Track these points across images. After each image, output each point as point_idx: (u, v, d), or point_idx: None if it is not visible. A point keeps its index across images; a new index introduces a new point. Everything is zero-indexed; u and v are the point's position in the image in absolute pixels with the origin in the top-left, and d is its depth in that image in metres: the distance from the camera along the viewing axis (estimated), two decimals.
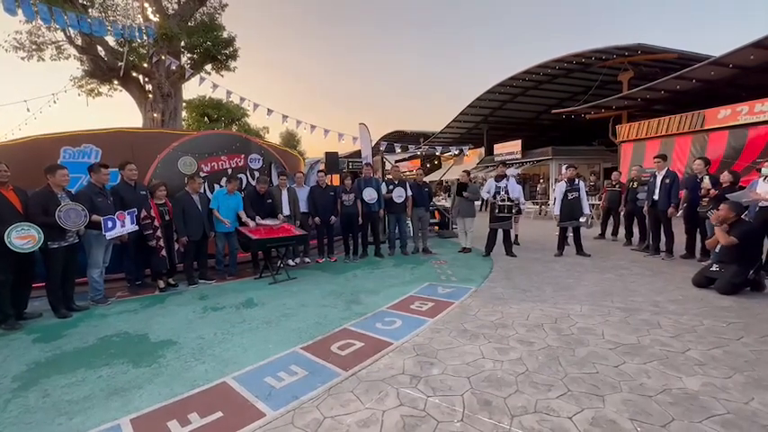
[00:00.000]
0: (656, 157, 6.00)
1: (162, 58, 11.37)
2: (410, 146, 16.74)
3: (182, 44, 12.32)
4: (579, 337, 2.94)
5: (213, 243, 5.43)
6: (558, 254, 6.24)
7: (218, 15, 13.13)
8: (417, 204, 6.66)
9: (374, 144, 10.92)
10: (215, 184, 5.82)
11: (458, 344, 2.90)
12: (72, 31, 10.81)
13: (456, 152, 13.57)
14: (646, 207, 6.00)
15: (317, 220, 6.13)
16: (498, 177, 6.26)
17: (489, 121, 22.12)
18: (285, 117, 10.09)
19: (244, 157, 6.19)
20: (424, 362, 2.61)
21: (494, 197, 6.18)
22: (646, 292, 4.08)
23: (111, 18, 11.47)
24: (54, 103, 11.81)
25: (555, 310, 3.61)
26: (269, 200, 5.75)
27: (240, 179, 5.97)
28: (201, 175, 5.62)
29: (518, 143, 19.06)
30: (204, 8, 12.98)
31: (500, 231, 6.29)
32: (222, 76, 13.55)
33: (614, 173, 8.31)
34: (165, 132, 6.80)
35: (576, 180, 6.25)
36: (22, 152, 4.79)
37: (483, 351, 2.75)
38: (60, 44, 11.66)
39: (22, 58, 11.35)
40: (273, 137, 34.21)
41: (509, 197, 6.05)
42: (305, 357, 2.74)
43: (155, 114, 11.93)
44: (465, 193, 6.54)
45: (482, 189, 6.63)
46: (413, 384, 2.32)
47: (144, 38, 10.33)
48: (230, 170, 6.00)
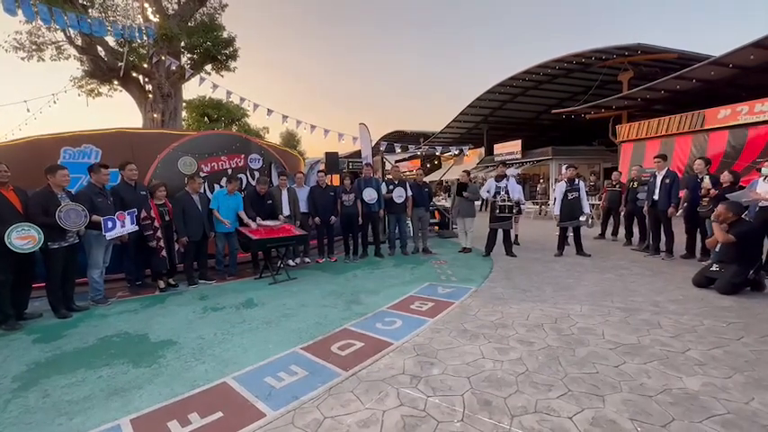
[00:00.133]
0: (656, 157, 6.00)
1: (162, 58, 11.38)
2: (410, 146, 16.74)
3: (182, 44, 12.33)
4: (579, 337, 2.95)
5: (213, 243, 5.44)
6: (558, 254, 6.24)
7: (218, 15, 13.15)
8: (417, 204, 6.66)
9: (374, 144, 10.91)
10: (215, 185, 5.82)
11: (458, 344, 2.90)
12: (72, 32, 10.82)
13: (456, 152, 13.58)
14: (646, 207, 5.99)
15: (316, 220, 6.14)
16: (498, 177, 6.27)
17: (489, 121, 22.13)
18: (285, 117, 10.10)
19: (244, 157, 6.19)
20: (425, 362, 2.61)
21: (494, 197, 6.19)
22: (646, 292, 4.08)
23: (111, 18, 11.48)
24: (54, 103, 11.83)
25: (555, 310, 3.61)
26: (269, 201, 5.75)
27: (240, 179, 5.97)
28: (201, 175, 5.62)
29: (518, 143, 19.07)
30: (204, 8, 13.00)
31: (500, 231, 6.29)
32: (222, 76, 13.59)
33: (614, 173, 8.30)
34: (165, 132, 6.80)
35: (576, 180, 6.25)
36: (22, 152, 4.80)
37: (483, 351, 2.75)
38: (60, 44, 11.67)
39: (23, 59, 11.37)
40: (273, 137, 34.26)
41: (509, 197, 6.05)
42: (305, 357, 2.74)
43: (155, 114, 11.93)
44: (465, 193, 6.54)
45: (482, 189, 6.63)
46: (413, 384, 2.32)
47: (144, 38, 10.33)
48: (230, 170, 6.00)
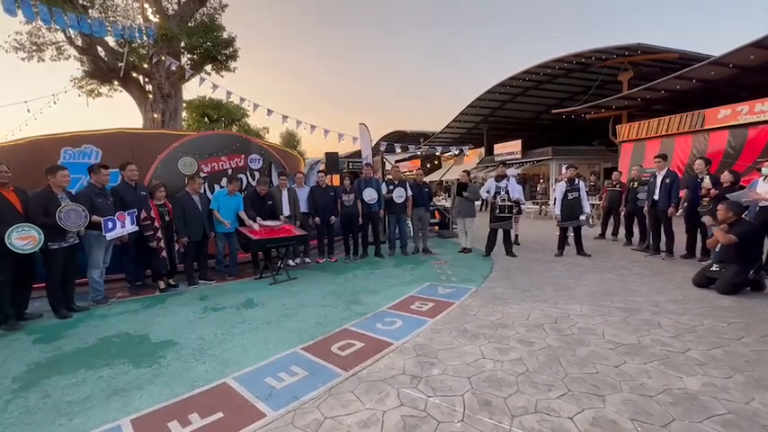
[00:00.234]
0: (656, 157, 6.00)
1: (162, 58, 11.39)
2: (410, 146, 16.73)
3: (182, 45, 12.34)
4: (579, 337, 2.94)
5: (213, 243, 5.44)
6: (559, 254, 6.24)
7: (218, 16, 13.15)
8: (417, 204, 6.66)
9: (374, 144, 10.91)
10: (215, 185, 5.82)
11: (458, 344, 2.90)
12: (72, 32, 10.82)
13: (456, 152, 13.57)
14: (646, 207, 5.99)
15: (317, 220, 6.14)
16: (498, 177, 6.27)
17: (489, 121, 22.13)
18: (285, 117, 10.09)
19: (244, 157, 6.19)
20: (425, 362, 2.61)
21: (494, 197, 6.19)
22: (646, 292, 4.08)
23: (111, 19, 11.48)
24: (54, 103, 11.82)
25: (555, 310, 3.61)
26: (269, 201, 5.75)
27: (240, 180, 5.97)
28: (202, 175, 5.61)
29: (518, 143, 19.07)
30: (204, 9, 13.01)
31: (500, 231, 6.29)
32: (222, 76, 13.60)
33: (614, 173, 8.30)
34: (166, 133, 6.81)
35: (576, 180, 6.25)
36: (22, 153, 4.80)
37: (483, 351, 2.75)
38: (60, 45, 11.67)
39: (23, 59, 11.37)
40: (273, 137, 34.26)
41: (509, 197, 6.05)
42: (305, 358, 2.75)
43: (155, 115, 11.93)
44: (465, 194, 6.54)
45: (482, 189, 6.62)
46: (413, 384, 2.32)
47: (144, 38, 10.33)
48: (230, 170, 6.00)
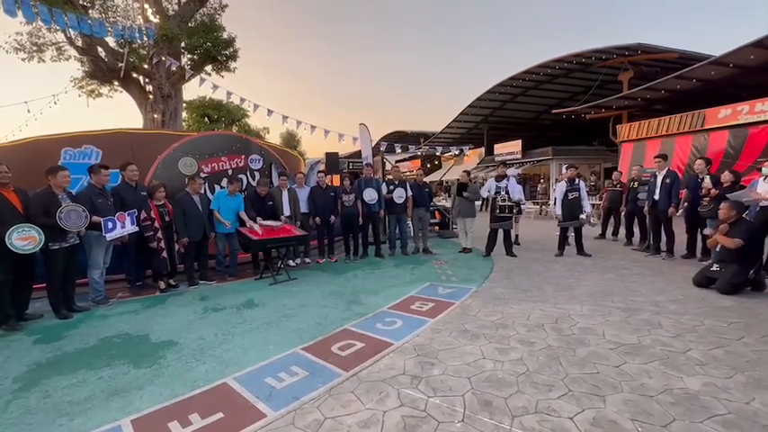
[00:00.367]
0: (656, 157, 6.00)
1: (162, 59, 11.39)
2: (410, 146, 16.72)
3: (182, 45, 12.34)
4: (580, 338, 2.94)
5: (214, 244, 5.44)
6: (559, 254, 6.24)
7: (218, 16, 13.15)
8: (418, 204, 6.66)
9: (374, 144, 10.90)
10: (215, 185, 5.82)
11: (458, 344, 2.89)
12: (72, 33, 10.82)
13: (456, 152, 13.55)
14: (646, 207, 5.99)
15: (317, 220, 6.14)
16: (499, 177, 6.26)
17: (489, 121, 22.13)
18: (285, 118, 10.09)
19: (244, 157, 6.19)
20: (425, 362, 2.61)
21: (494, 197, 6.18)
22: (646, 292, 4.08)
23: (112, 19, 11.47)
24: (54, 104, 11.84)
25: (555, 310, 3.60)
26: (270, 202, 5.75)
27: (241, 180, 5.97)
28: (202, 175, 5.61)
29: (518, 143, 19.07)
30: (204, 9, 13.01)
31: (500, 231, 6.29)
32: (222, 76, 13.60)
33: (615, 173, 8.31)
34: (166, 133, 6.81)
35: (577, 180, 6.26)
36: (22, 153, 4.80)
37: (483, 351, 2.75)
38: (61, 45, 11.68)
39: (23, 60, 11.38)
40: (274, 137, 34.21)
41: (509, 197, 6.05)
42: (305, 358, 2.75)
43: (155, 115, 11.94)
44: (465, 194, 6.54)
45: (482, 189, 6.62)
46: (413, 385, 2.32)
47: (144, 39, 10.33)
48: (231, 171, 6.00)
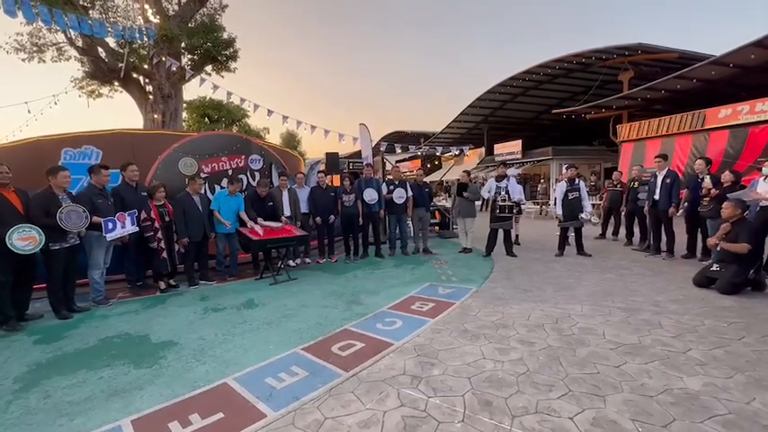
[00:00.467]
0: (656, 157, 6.00)
1: (162, 59, 11.39)
2: (410, 146, 16.74)
3: (182, 45, 12.35)
4: (580, 338, 2.94)
5: (214, 244, 5.44)
6: (559, 254, 6.23)
7: (218, 16, 13.16)
8: (418, 205, 6.66)
9: (374, 144, 10.90)
10: (216, 185, 5.82)
11: (458, 344, 2.89)
12: (73, 33, 10.84)
13: (456, 152, 13.56)
14: (646, 207, 5.99)
15: (317, 219, 6.14)
16: (499, 177, 6.26)
17: (489, 121, 22.12)
18: (285, 118, 10.09)
19: (244, 157, 6.19)
20: (425, 362, 2.61)
21: (494, 197, 6.18)
22: (647, 292, 4.08)
23: (112, 19, 11.48)
24: (55, 104, 11.86)
25: (556, 310, 3.60)
26: (270, 203, 5.75)
27: (241, 180, 5.98)
28: (202, 176, 5.61)
29: (518, 143, 19.07)
30: (204, 9, 13.01)
31: (501, 231, 6.28)
32: (222, 77, 13.61)
33: (615, 173, 8.30)
34: (166, 133, 6.82)
35: (577, 180, 6.26)
36: (23, 153, 4.80)
37: (484, 351, 2.75)
38: (61, 46, 11.69)
39: (23, 60, 11.40)
40: (274, 137, 34.21)
41: (510, 197, 6.05)
42: (306, 358, 2.75)
43: (155, 115, 11.94)
44: (465, 194, 6.54)
45: (482, 189, 6.62)
46: (413, 385, 2.32)
47: (144, 39, 10.34)
48: (231, 171, 6.00)
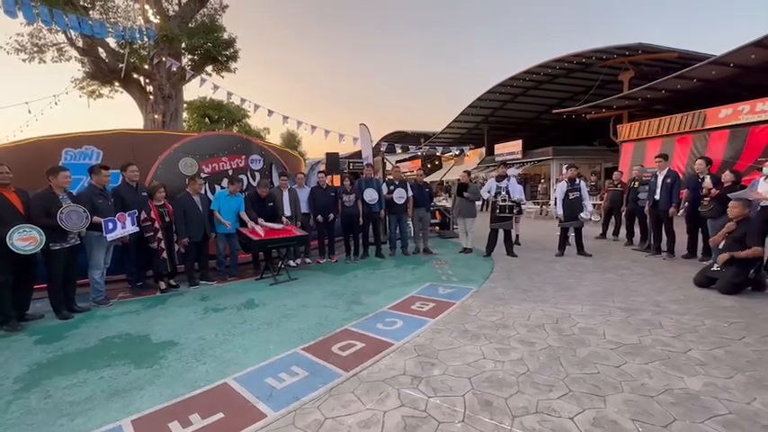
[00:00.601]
0: (657, 157, 6.00)
1: (163, 59, 11.40)
2: (411, 146, 16.73)
3: (182, 46, 12.36)
4: (580, 338, 2.94)
5: (214, 244, 5.44)
6: (560, 254, 6.23)
7: (218, 17, 13.18)
8: (418, 205, 6.65)
9: (375, 144, 10.89)
10: (216, 185, 5.83)
11: (459, 344, 2.89)
12: (73, 33, 10.85)
13: (457, 152, 13.55)
14: (647, 207, 5.99)
15: (318, 218, 6.14)
16: (499, 177, 6.26)
17: (490, 121, 22.13)
18: (286, 118, 10.09)
19: (245, 158, 6.19)
20: (425, 362, 2.61)
21: (494, 197, 6.18)
22: (647, 292, 4.07)
23: (112, 20, 11.50)
24: (55, 104, 11.87)
25: (556, 310, 3.60)
26: (270, 203, 5.75)
27: (241, 180, 5.98)
28: (202, 176, 5.61)
29: (519, 143, 19.07)
30: (205, 9, 13.03)
31: (501, 231, 6.28)
32: (223, 77, 13.63)
33: (615, 173, 8.30)
34: (166, 134, 6.83)
35: (577, 180, 6.25)
36: (23, 154, 4.80)
37: (484, 351, 2.75)
38: (61, 46, 11.70)
39: (24, 60, 11.41)
40: (274, 137, 34.23)
41: (510, 197, 6.05)
42: (306, 358, 2.75)
43: (156, 116, 11.95)
44: (466, 194, 6.54)
45: (483, 189, 6.61)
46: (414, 385, 2.32)
47: (145, 39, 10.36)
48: (231, 171, 6.00)
